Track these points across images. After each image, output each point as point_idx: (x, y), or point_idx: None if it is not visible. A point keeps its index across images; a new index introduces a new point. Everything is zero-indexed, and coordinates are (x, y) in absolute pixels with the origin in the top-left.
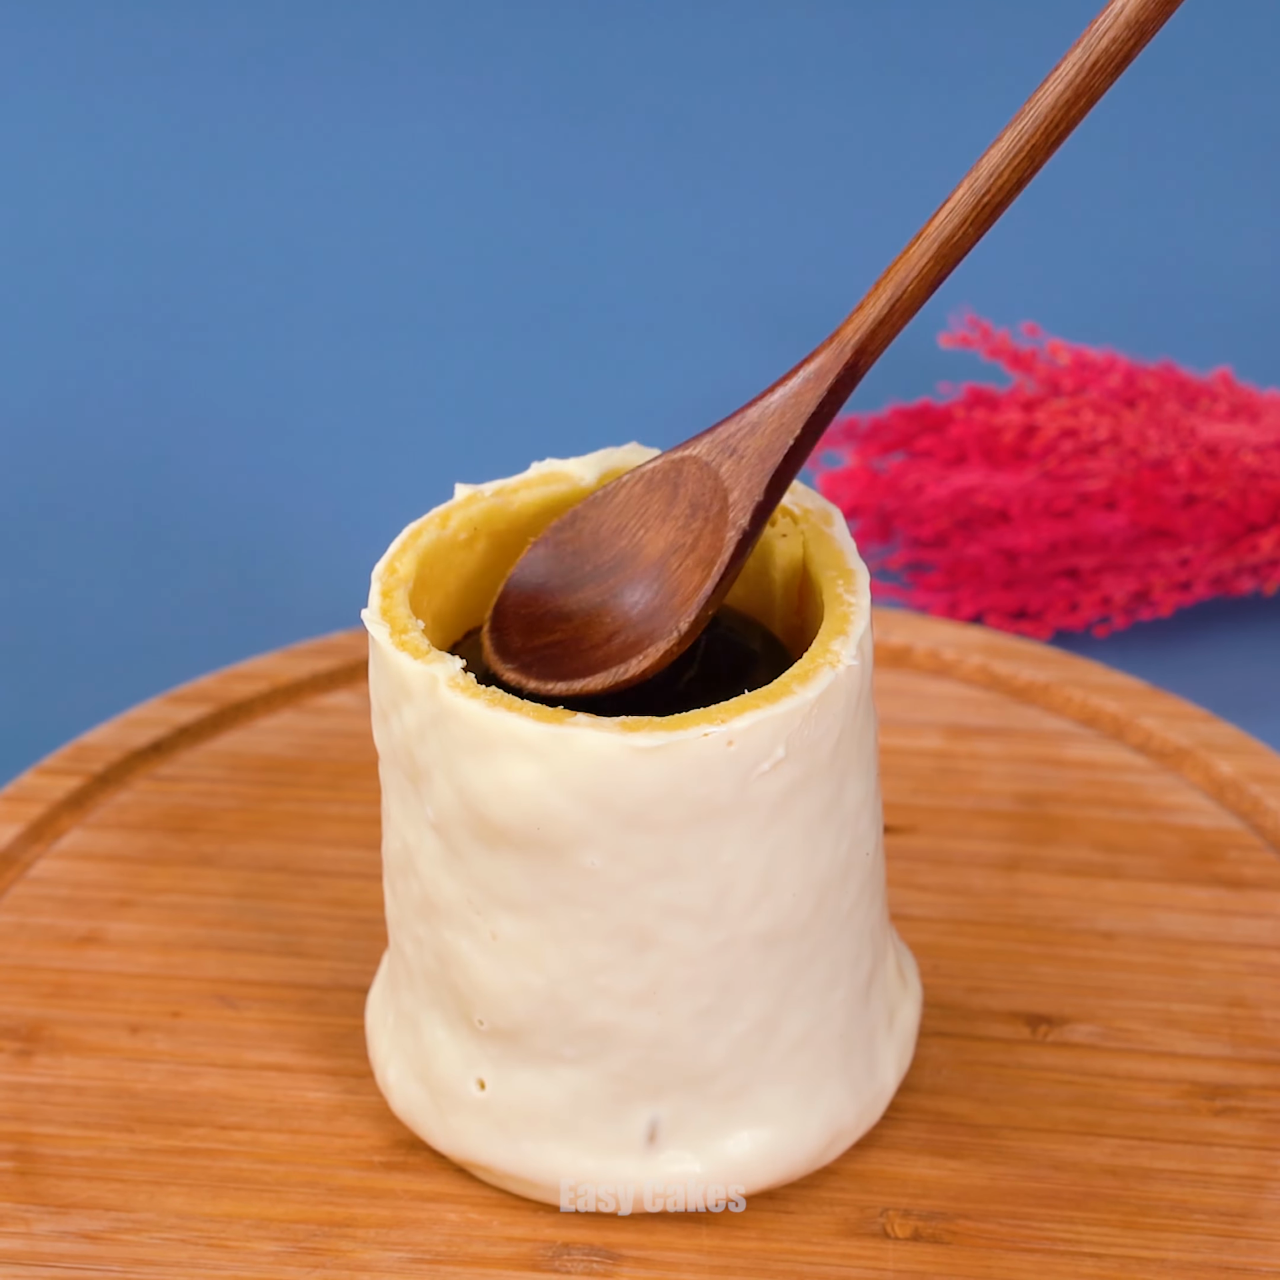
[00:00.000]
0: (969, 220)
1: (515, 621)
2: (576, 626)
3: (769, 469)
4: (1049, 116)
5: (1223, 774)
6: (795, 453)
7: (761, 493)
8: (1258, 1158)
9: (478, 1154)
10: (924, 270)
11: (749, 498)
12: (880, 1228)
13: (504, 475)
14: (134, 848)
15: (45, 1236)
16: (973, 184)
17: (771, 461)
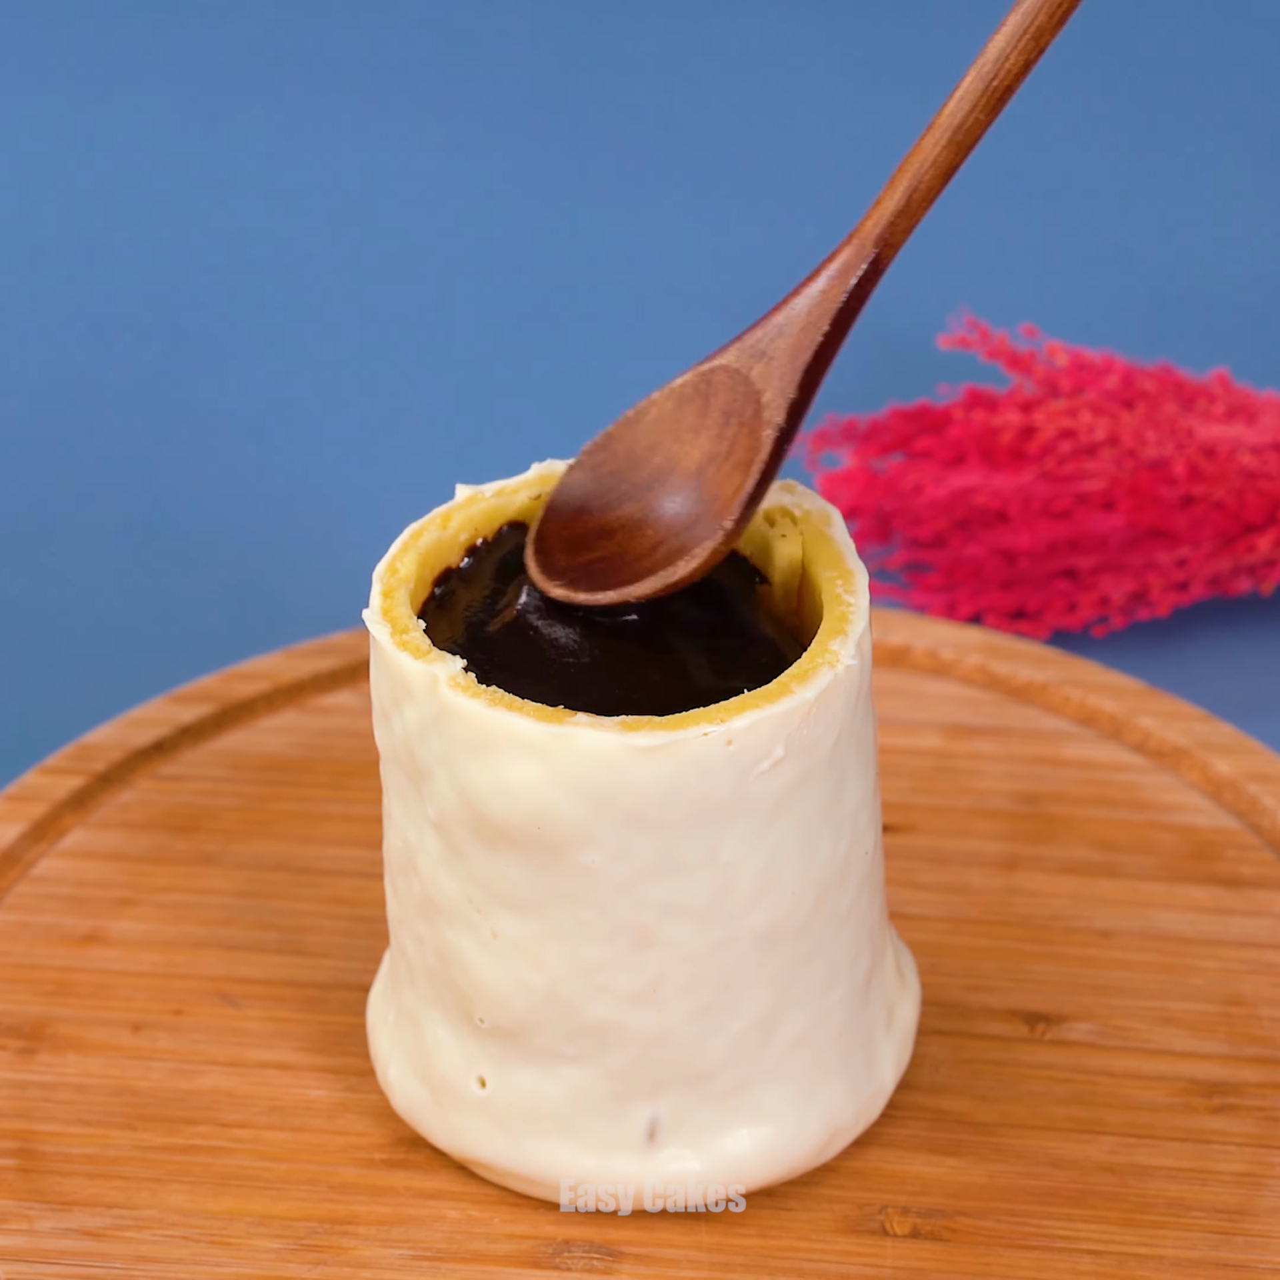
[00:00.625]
0: (978, 106)
1: (558, 542)
2: (619, 542)
3: (800, 366)
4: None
5: (1220, 773)
6: (825, 348)
7: (795, 390)
8: (1255, 1155)
9: (478, 1151)
10: (938, 159)
11: (783, 396)
12: (879, 1225)
13: (504, 476)
14: (136, 847)
15: (48, 1233)
16: (980, 70)
17: (802, 359)
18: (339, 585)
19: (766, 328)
